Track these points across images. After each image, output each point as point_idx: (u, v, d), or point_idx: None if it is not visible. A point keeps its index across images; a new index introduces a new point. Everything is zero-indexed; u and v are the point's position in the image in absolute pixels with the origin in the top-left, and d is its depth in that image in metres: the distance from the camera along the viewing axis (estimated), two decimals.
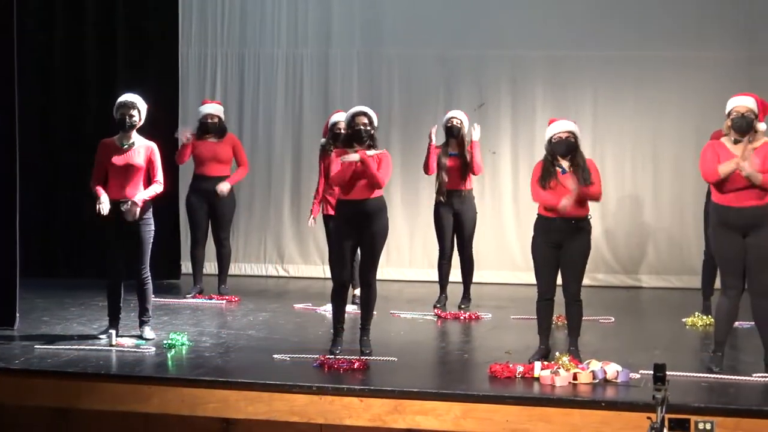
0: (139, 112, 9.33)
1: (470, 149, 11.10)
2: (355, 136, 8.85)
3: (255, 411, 7.83)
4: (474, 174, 11.20)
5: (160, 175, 9.40)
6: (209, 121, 11.68)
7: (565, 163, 8.67)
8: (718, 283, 9.31)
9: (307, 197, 13.51)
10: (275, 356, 8.76)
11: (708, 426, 7.27)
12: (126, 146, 9.33)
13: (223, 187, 11.56)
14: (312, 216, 11.14)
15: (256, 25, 13.96)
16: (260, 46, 13.94)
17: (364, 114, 8.87)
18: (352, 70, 13.78)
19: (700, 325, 10.42)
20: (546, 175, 8.67)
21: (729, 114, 8.35)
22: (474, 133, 11.13)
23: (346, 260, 8.97)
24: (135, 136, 9.37)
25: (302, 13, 13.86)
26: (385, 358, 8.74)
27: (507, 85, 13.48)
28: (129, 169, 9.28)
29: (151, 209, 9.37)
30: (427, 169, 11.23)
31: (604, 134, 13.28)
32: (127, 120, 9.30)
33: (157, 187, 9.37)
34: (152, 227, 9.37)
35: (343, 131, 9.72)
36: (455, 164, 11.15)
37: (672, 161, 12.97)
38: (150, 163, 9.36)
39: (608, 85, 13.26)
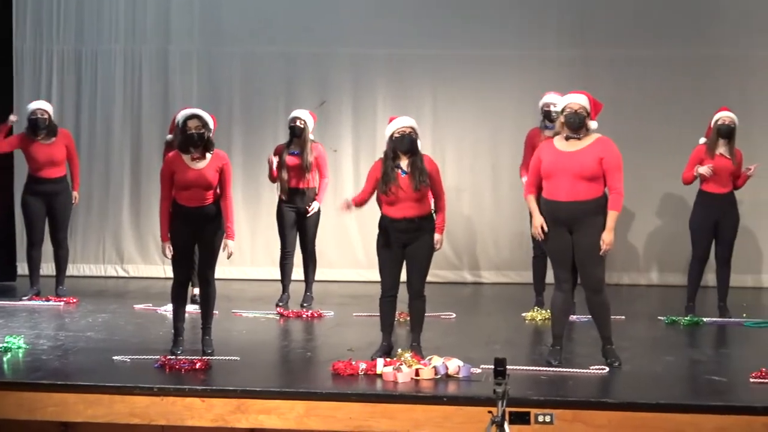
0: None
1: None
2: (188, 140, 8.75)
3: (95, 414, 7.70)
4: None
5: None
6: (39, 116, 11.39)
7: (404, 163, 8.70)
8: (549, 278, 9.47)
9: (147, 196, 13.39)
10: (115, 358, 8.62)
11: (548, 418, 7.38)
12: None
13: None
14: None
15: (93, 21, 13.71)
16: (98, 42, 13.69)
17: (197, 117, 8.77)
18: (191, 68, 13.63)
19: (539, 320, 10.59)
20: (386, 178, 8.69)
21: (562, 111, 8.48)
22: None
23: (186, 258, 8.90)
24: None
25: (140, 9, 13.67)
26: (227, 358, 8.68)
27: (349, 83, 13.50)
28: None
29: None
30: (271, 179, 11.23)
31: (444, 132, 13.39)
32: None
33: None
34: None
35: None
36: (297, 163, 11.12)
37: (511, 158, 13.12)
38: None
39: (448, 84, 13.38)
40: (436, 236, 8.74)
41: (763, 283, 12.94)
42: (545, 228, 8.44)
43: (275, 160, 11.11)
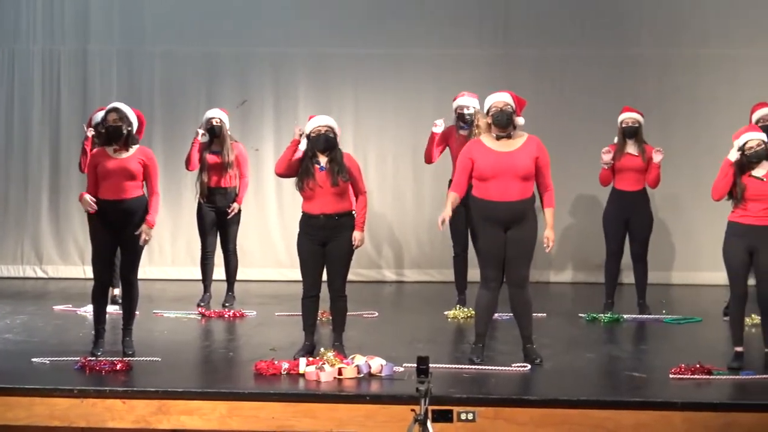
0: None
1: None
2: (106, 132, 8.76)
3: (14, 417, 7.61)
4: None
5: None
6: None
7: (323, 159, 8.70)
8: (471, 276, 9.52)
9: (66, 197, 13.24)
10: (34, 360, 8.52)
11: (470, 416, 7.42)
12: None
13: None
14: None
15: (11, 20, 13.53)
16: (15, 42, 13.52)
17: (115, 110, 8.76)
18: (111, 68, 13.50)
19: (461, 318, 10.63)
20: (303, 174, 8.68)
21: (488, 111, 8.54)
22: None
23: (107, 259, 8.82)
24: None
25: (58, 8, 13.51)
26: (148, 359, 8.62)
27: (270, 83, 13.45)
28: None
29: None
30: (188, 165, 11.15)
31: (365, 131, 13.40)
32: None
33: None
34: None
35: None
36: (217, 162, 11.07)
37: None
38: None
39: (370, 83, 13.39)
40: (356, 234, 8.74)
41: (678, 279, 13.06)
42: (445, 221, 8.43)
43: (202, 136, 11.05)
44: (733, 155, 8.50)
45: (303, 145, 8.73)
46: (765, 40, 12.96)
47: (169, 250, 13.46)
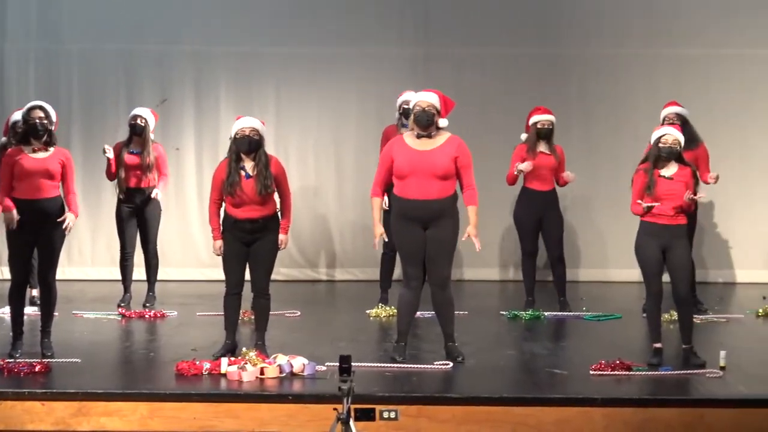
0: None
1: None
2: (30, 130, 8.62)
3: None
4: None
5: None
6: None
7: (248, 165, 8.65)
8: (397, 275, 9.54)
9: None
10: None
11: (392, 414, 7.43)
12: None
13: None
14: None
15: None
16: None
17: (40, 108, 8.65)
18: (28, 67, 13.32)
19: (384, 316, 10.65)
20: (230, 180, 8.63)
21: (413, 109, 8.57)
22: None
23: (24, 259, 8.72)
24: None
25: None
26: (67, 360, 8.54)
27: (190, 81, 13.36)
28: None
29: None
30: (109, 176, 11.07)
31: (287, 131, 13.35)
32: None
33: None
34: None
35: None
36: (137, 162, 10.99)
37: (354, 155, 13.18)
38: None
39: (291, 82, 13.34)
40: (282, 237, 8.73)
41: (597, 277, 13.17)
42: (385, 239, 8.67)
43: (110, 152, 10.93)
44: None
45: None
46: (681, 40, 13.12)
47: (89, 251, 13.33)
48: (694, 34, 13.11)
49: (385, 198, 9.08)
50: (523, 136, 10.92)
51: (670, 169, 8.63)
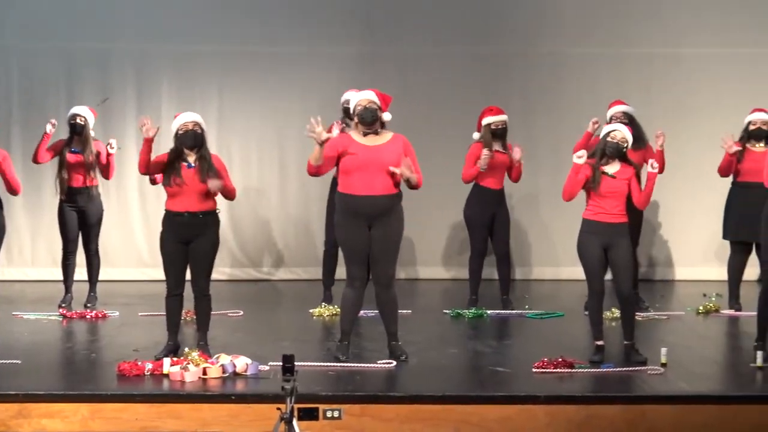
0: None
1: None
2: None
3: None
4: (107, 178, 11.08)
5: None
6: None
7: (191, 157, 8.64)
8: (339, 274, 9.53)
9: None
10: None
11: (336, 413, 7.44)
12: None
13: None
14: None
15: None
16: None
17: None
18: None
19: (327, 315, 10.63)
20: (170, 170, 8.62)
21: (354, 109, 8.58)
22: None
23: None
24: None
25: None
26: (7, 361, 8.46)
27: (132, 80, 13.26)
28: None
29: None
30: (34, 157, 10.96)
31: (230, 130, 13.28)
32: None
33: None
34: None
35: None
36: (78, 161, 10.91)
37: (297, 155, 13.12)
38: None
39: (234, 81, 13.28)
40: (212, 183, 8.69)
41: (539, 275, 13.23)
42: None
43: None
44: (581, 159, 8.63)
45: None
46: (621, 40, 13.19)
47: (29, 251, 13.19)
48: (634, 34, 13.19)
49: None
50: (476, 135, 10.95)
51: (614, 167, 8.68)
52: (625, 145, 8.69)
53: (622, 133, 8.71)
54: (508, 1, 13.39)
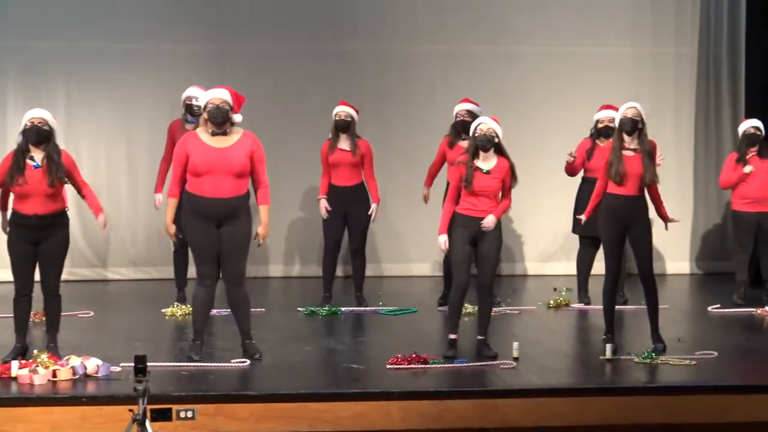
0: None
1: None
2: None
3: None
4: None
5: None
6: None
7: (38, 156, 8.47)
8: (191, 273, 9.46)
9: None
10: None
11: (189, 414, 7.39)
12: None
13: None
14: None
15: None
16: None
17: None
18: None
19: (180, 315, 10.55)
20: (14, 170, 8.42)
21: (205, 107, 8.50)
22: None
23: None
24: None
25: None
26: None
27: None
28: None
29: None
30: None
31: (78, 129, 12.99)
32: None
33: None
34: None
35: None
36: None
37: (146, 153, 12.89)
38: None
39: (81, 78, 13.01)
40: (101, 217, 8.78)
41: (394, 271, 13.30)
42: (173, 234, 8.65)
43: None
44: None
45: None
46: (474, 36, 13.33)
47: None
48: (486, 31, 13.34)
49: None
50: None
51: (489, 163, 8.76)
52: (493, 135, 8.74)
53: (488, 124, 8.78)
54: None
